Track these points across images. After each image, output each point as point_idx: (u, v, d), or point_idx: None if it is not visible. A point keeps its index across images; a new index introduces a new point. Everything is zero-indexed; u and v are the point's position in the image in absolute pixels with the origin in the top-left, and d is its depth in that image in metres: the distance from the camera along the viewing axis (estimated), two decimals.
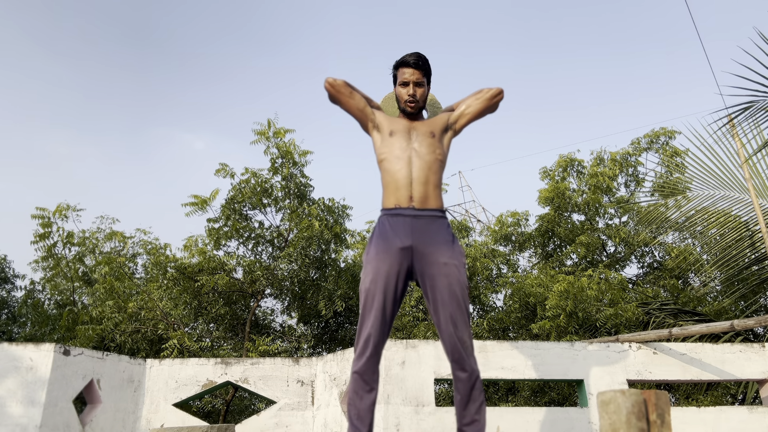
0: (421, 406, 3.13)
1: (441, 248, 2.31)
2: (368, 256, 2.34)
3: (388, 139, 2.49)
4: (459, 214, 23.54)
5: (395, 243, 2.30)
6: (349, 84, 2.56)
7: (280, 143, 6.91)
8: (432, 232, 2.34)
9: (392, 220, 2.36)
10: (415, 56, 2.50)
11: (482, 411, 2.22)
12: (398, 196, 2.38)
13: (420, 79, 2.51)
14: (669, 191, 7.14)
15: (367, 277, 2.29)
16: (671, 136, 8.66)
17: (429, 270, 2.29)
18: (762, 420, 3.33)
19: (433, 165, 2.43)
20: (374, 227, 2.43)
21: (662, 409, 1.42)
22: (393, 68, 2.58)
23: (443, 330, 2.25)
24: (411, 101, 2.50)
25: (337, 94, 2.54)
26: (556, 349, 3.42)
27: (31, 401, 3.20)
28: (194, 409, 7.51)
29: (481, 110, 2.62)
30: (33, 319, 8.56)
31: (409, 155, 2.43)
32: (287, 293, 7.15)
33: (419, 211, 2.36)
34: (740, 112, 5.34)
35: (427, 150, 2.44)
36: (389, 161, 2.44)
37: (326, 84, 2.54)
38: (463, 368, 2.22)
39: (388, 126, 2.52)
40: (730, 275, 6.50)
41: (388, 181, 2.43)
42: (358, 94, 2.57)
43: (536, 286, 6.98)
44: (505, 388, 7.88)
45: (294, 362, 3.82)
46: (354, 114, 2.59)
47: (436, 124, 2.55)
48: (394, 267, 2.28)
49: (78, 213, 7.36)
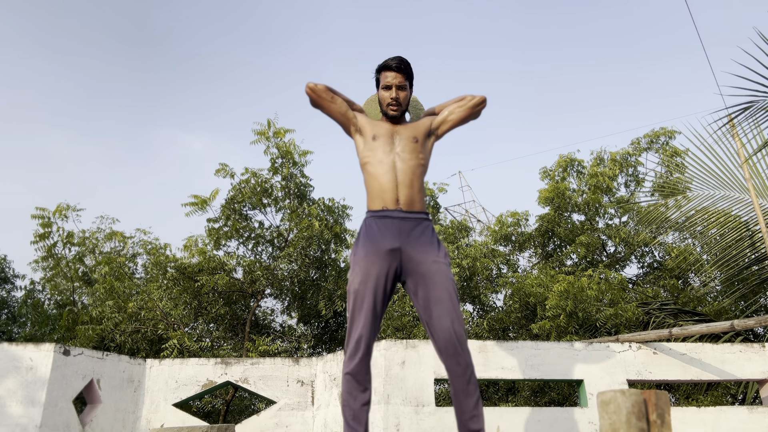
0: (421, 406, 3.13)
1: (428, 249, 2.36)
2: (356, 257, 2.37)
3: (371, 143, 2.53)
4: (459, 214, 23.54)
5: (384, 245, 2.34)
6: (330, 88, 2.59)
7: (280, 143, 6.92)
8: (418, 233, 2.39)
9: (380, 222, 2.39)
10: (398, 60, 2.54)
11: (480, 405, 2.26)
12: (384, 199, 2.42)
13: (402, 83, 2.55)
14: (669, 191, 7.14)
15: (356, 278, 2.33)
16: (671, 136, 8.66)
17: (419, 269, 2.33)
18: (762, 420, 3.33)
19: (417, 170, 2.48)
20: (360, 229, 2.46)
21: (662, 409, 1.42)
22: (375, 72, 2.63)
23: (437, 326, 2.27)
24: (394, 104, 2.54)
25: (318, 99, 2.58)
26: (556, 349, 3.41)
27: (31, 401, 3.20)
28: (194, 409, 7.51)
29: (463, 117, 2.67)
30: (33, 319, 8.56)
31: (393, 160, 2.47)
32: (287, 293, 7.15)
33: (406, 213, 2.40)
34: (740, 112, 5.34)
35: (410, 155, 2.49)
36: (373, 165, 2.48)
37: (307, 89, 2.58)
38: (458, 362, 2.25)
39: (371, 130, 2.56)
40: (730, 275, 6.50)
41: (373, 184, 2.47)
42: (340, 98, 2.61)
43: (536, 286, 6.98)
44: (505, 388, 7.88)
45: (294, 362, 3.82)
46: (336, 118, 2.62)
47: (418, 128, 2.59)
48: (383, 268, 2.32)
49: (78, 213, 7.37)
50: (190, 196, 6.66)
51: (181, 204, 6.66)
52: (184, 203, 6.68)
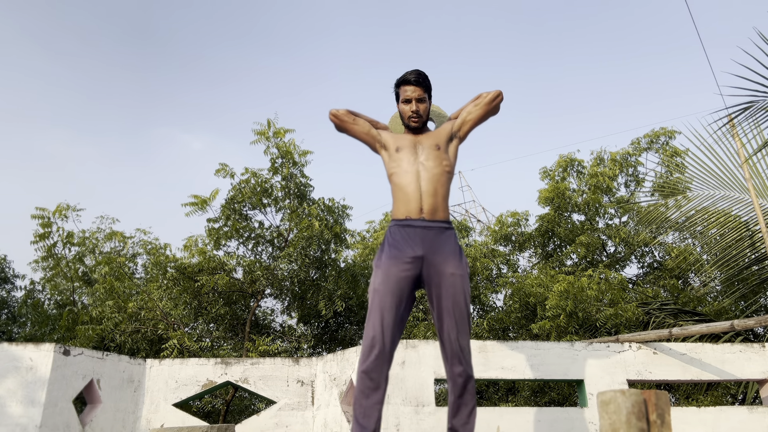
0: (421, 406, 3.14)
1: (449, 259, 2.41)
2: (379, 261, 2.43)
3: (395, 155, 2.61)
4: (459, 214, 23.52)
5: (407, 252, 2.40)
6: (352, 111, 2.74)
7: (280, 143, 6.91)
8: (441, 242, 2.44)
9: (403, 230, 2.45)
10: (416, 74, 2.63)
11: (474, 414, 2.34)
12: (409, 208, 2.48)
13: (421, 95, 2.63)
14: (669, 191, 7.14)
15: (377, 279, 2.39)
16: (671, 136, 8.66)
17: (437, 279, 2.39)
18: (762, 420, 3.33)
19: (441, 177, 2.54)
20: (385, 237, 2.52)
21: (662, 409, 1.42)
22: (395, 86, 2.71)
23: (445, 337, 2.35)
24: (414, 117, 2.63)
25: (342, 123, 2.73)
26: (556, 349, 3.42)
27: (31, 401, 3.20)
28: (194, 409, 7.51)
29: (482, 115, 2.73)
30: (33, 319, 8.56)
31: (417, 169, 2.54)
32: (287, 293, 7.15)
33: (429, 222, 2.46)
34: (740, 112, 5.34)
35: (434, 163, 2.55)
36: (398, 175, 2.55)
37: (330, 116, 2.73)
38: (460, 373, 2.33)
39: (394, 143, 2.65)
40: (730, 275, 6.50)
41: (398, 194, 2.54)
42: (362, 119, 2.74)
43: (536, 286, 6.98)
44: (505, 388, 7.88)
45: (294, 362, 3.82)
46: (361, 138, 2.74)
47: (440, 135, 2.66)
48: (405, 272, 2.38)
49: (78, 213, 7.36)
50: (190, 196, 6.66)
51: (181, 204, 6.66)
52: (184, 203, 6.68)
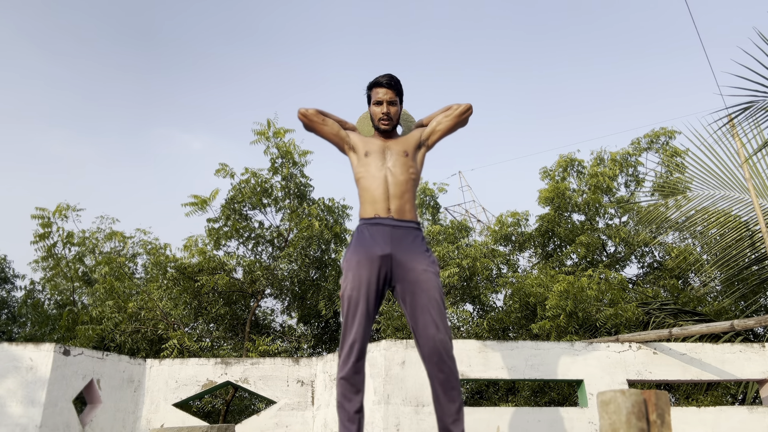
0: (421, 406, 3.13)
1: (418, 257, 2.42)
2: (348, 263, 2.44)
3: (363, 159, 2.62)
4: (459, 214, 23.52)
5: (375, 251, 2.41)
6: (321, 111, 2.72)
7: (279, 143, 6.91)
8: (409, 241, 2.46)
9: (372, 228, 2.47)
10: (388, 77, 2.66)
11: (462, 410, 2.31)
12: (377, 208, 2.50)
13: (393, 98, 2.65)
14: (669, 191, 7.14)
15: (349, 284, 2.39)
16: (671, 136, 8.66)
17: (408, 276, 2.39)
18: (762, 420, 3.33)
19: (408, 183, 2.57)
20: (353, 236, 2.53)
21: (662, 409, 1.42)
22: (366, 89, 2.72)
23: (423, 334, 2.33)
24: (385, 119, 2.64)
25: (310, 122, 2.71)
26: (556, 349, 3.42)
27: (31, 401, 3.20)
28: (194, 409, 7.51)
29: (451, 126, 2.76)
30: (33, 319, 8.56)
31: (385, 174, 2.56)
32: (287, 293, 7.15)
33: (398, 221, 2.48)
34: (740, 112, 5.34)
35: (401, 170, 2.58)
36: (366, 179, 2.57)
37: (299, 115, 2.71)
38: (441, 370, 2.30)
39: (363, 146, 2.66)
40: (730, 275, 6.50)
41: (365, 196, 2.56)
42: (331, 120, 2.73)
43: (536, 286, 6.98)
44: (505, 388, 7.87)
45: (294, 362, 3.82)
46: (329, 139, 2.73)
47: (409, 142, 2.68)
48: (375, 274, 2.38)
49: (78, 213, 7.36)
50: (190, 196, 6.66)
51: (181, 204, 6.67)
52: (184, 203, 6.69)
